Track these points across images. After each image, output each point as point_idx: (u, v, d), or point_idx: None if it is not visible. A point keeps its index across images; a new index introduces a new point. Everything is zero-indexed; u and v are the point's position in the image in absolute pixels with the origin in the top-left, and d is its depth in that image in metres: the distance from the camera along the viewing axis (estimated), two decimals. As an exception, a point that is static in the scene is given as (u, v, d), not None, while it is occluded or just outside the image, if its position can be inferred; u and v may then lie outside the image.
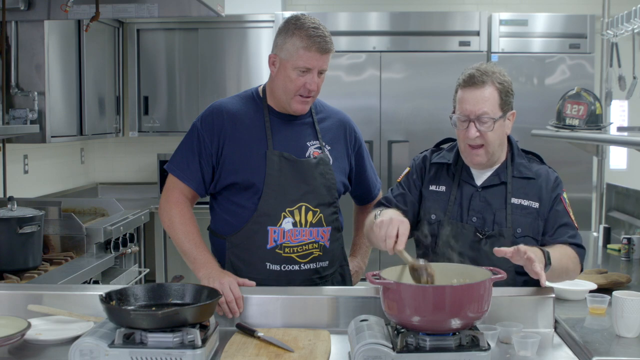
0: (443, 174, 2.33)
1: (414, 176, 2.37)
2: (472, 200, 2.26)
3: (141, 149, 5.62)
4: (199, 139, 2.34)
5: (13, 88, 3.77)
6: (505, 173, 2.28)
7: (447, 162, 2.33)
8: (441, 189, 2.31)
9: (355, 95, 4.91)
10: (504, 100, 2.21)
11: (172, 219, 2.33)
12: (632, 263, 3.24)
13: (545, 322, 2.06)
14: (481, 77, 2.19)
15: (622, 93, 4.03)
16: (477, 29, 4.91)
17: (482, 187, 2.28)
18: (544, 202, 2.25)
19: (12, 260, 2.98)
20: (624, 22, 3.75)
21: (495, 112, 2.19)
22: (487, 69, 2.21)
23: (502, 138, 2.25)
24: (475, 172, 2.30)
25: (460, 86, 2.23)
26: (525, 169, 2.29)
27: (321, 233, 2.34)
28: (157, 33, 5.24)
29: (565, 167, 4.73)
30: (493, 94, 2.19)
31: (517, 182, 2.27)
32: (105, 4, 3.33)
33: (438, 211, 2.29)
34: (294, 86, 2.26)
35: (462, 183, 2.29)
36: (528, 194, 2.25)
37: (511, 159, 2.30)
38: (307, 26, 2.24)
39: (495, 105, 2.19)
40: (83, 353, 1.72)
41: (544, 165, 2.33)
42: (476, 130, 2.18)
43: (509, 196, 2.24)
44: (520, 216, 2.23)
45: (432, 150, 2.42)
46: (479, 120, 2.18)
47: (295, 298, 2.11)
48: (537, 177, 2.28)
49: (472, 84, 2.19)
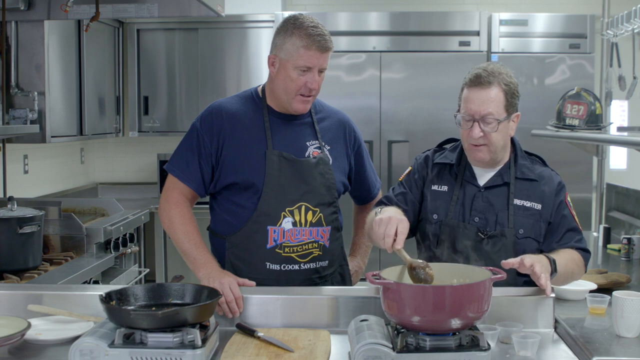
0: (445, 174, 2.32)
1: (415, 176, 2.37)
2: (475, 200, 2.26)
3: (141, 149, 5.62)
4: (198, 139, 2.34)
5: (13, 88, 3.77)
6: (508, 174, 2.27)
7: (450, 162, 2.33)
8: (443, 189, 2.31)
9: (355, 95, 4.91)
10: (509, 101, 2.20)
11: (171, 219, 2.33)
12: (632, 263, 3.24)
13: (545, 322, 2.06)
14: (488, 77, 2.18)
15: (622, 93, 4.03)
16: (477, 29, 4.91)
17: (484, 187, 2.27)
18: (546, 204, 2.25)
19: (12, 260, 2.98)
20: (624, 22, 3.75)
21: (500, 114, 2.19)
22: (494, 69, 2.21)
23: (505, 139, 2.25)
24: (478, 173, 2.29)
25: (466, 85, 2.22)
26: (528, 170, 2.29)
27: (321, 233, 2.34)
28: (157, 33, 5.24)
29: (565, 167, 4.73)
30: (499, 95, 2.18)
31: (520, 184, 2.26)
32: (105, 4, 3.33)
33: (440, 211, 2.28)
34: (295, 86, 2.26)
35: (464, 183, 2.29)
36: (531, 196, 2.25)
37: (514, 160, 2.30)
38: (307, 25, 2.24)
39: (500, 106, 2.19)
40: (83, 353, 1.72)
41: (547, 168, 2.33)
42: (480, 130, 2.18)
43: (512, 197, 2.24)
44: (523, 217, 2.23)
45: (435, 150, 2.41)
46: (483, 120, 2.18)
47: (295, 298, 2.11)
48: (540, 179, 2.28)
49: (479, 83, 2.19)
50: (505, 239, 2.21)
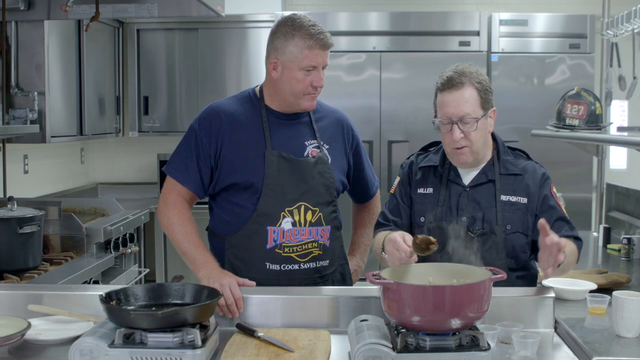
0: (430, 176, 2.35)
1: (404, 184, 2.41)
2: (461, 199, 2.28)
3: (141, 149, 5.62)
4: (196, 141, 2.34)
5: (13, 88, 3.77)
6: (492, 171, 2.29)
7: (434, 165, 2.35)
8: (429, 191, 2.33)
9: (355, 95, 4.91)
10: (483, 98, 2.23)
11: (170, 220, 2.33)
12: (632, 263, 3.24)
13: (545, 322, 2.06)
14: (459, 78, 2.21)
15: (622, 93, 4.03)
16: (477, 29, 4.91)
17: (469, 186, 2.29)
18: (532, 197, 2.27)
19: (12, 260, 2.98)
20: (624, 22, 3.75)
21: (477, 112, 2.21)
22: (464, 69, 2.24)
23: (485, 137, 2.27)
24: (463, 172, 2.31)
25: (439, 90, 2.26)
26: (511, 165, 2.31)
27: (320, 232, 2.34)
28: (157, 33, 5.24)
29: (565, 167, 4.75)
30: (473, 94, 2.21)
31: (505, 179, 2.29)
32: (105, 4, 3.33)
33: (427, 213, 2.31)
34: (302, 86, 2.27)
35: (449, 184, 2.31)
36: (516, 190, 2.27)
37: (497, 156, 2.31)
38: (306, 25, 2.24)
39: (476, 104, 2.21)
40: (83, 353, 1.72)
41: (531, 161, 2.35)
42: (460, 132, 2.20)
43: (498, 193, 2.26)
44: (510, 212, 2.25)
45: (418, 153, 2.45)
46: (461, 121, 2.20)
47: (295, 298, 2.11)
48: (524, 172, 2.30)
49: (451, 86, 2.21)
50: (495, 236, 2.23)
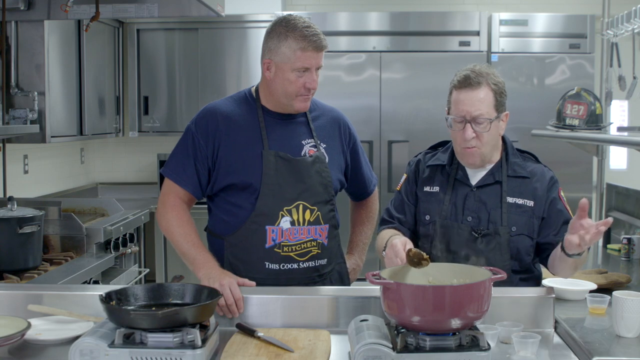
0: (437, 175, 2.35)
1: (410, 182, 2.41)
2: (467, 199, 2.28)
3: (141, 149, 5.62)
4: (193, 142, 2.34)
5: (13, 88, 3.77)
6: (499, 172, 2.29)
7: (442, 164, 2.35)
8: (435, 190, 2.34)
9: (355, 95, 4.91)
10: (498, 101, 2.23)
11: (169, 222, 2.33)
12: (632, 263, 3.24)
13: (545, 322, 2.06)
14: (476, 78, 2.21)
15: (622, 93, 4.03)
16: (477, 29, 4.91)
17: (476, 186, 2.29)
18: (539, 200, 2.27)
19: (12, 260, 2.98)
20: (624, 22, 3.76)
21: (491, 113, 2.21)
22: (482, 70, 2.23)
23: (496, 139, 2.28)
24: (470, 172, 2.31)
25: (455, 87, 2.25)
26: (519, 168, 2.31)
27: (319, 231, 2.35)
28: (157, 33, 5.24)
29: (565, 167, 4.74)
30: (488, 95, 2.21)
31: (512, 181, 2.29)
32: (105, 4, 3.33)
33: (432, 212, 2.32)
34: (294, 88, 2.27)
35: (456, 183, 2.31)
36: (523, 193, 2.27)
37: (506, 158, 2.32)
38: (300, 26, 2.24)
39: (490, 106, 2.21)
40: (83, 353, 1.72)
41: (539, 164, 2.35)
42: (472, 131, 2.20)
43: (504, 195, 2.26)
44: (515, 215, 2.25)
45: (426, 152, 2.45)
46: (474, 121, 2.20)
47: (295, 298, 2.11)
48: (532, 176, 2.30)
49: (468, 85, 2.21)
50: (499, 237, 2.23)
